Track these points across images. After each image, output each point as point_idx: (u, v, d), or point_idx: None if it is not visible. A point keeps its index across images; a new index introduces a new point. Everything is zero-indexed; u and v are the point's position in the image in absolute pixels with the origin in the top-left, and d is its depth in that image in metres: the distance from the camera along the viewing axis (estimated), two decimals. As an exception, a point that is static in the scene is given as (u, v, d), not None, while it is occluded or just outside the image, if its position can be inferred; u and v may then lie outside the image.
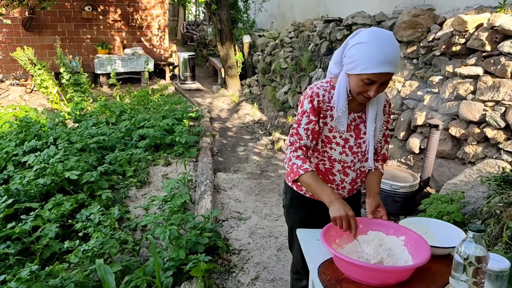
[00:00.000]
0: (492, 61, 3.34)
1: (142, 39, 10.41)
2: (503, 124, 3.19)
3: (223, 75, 9.29)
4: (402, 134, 4.17)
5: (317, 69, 6.13)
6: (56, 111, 6.75)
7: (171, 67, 10.31)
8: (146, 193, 4.22)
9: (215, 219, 3.60)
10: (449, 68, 3.72)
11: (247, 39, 9.35)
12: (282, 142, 5.76)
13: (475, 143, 3.42)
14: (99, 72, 9.20)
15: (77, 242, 2.74)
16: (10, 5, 7.64)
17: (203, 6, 11.89)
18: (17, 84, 8.82)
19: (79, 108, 6.18)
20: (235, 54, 9.06)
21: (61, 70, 7.36)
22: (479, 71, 3.45)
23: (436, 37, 4.08)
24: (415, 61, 4.33)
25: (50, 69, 7.80)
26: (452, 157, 3.64)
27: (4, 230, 2.90)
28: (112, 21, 9.98)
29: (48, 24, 9.34)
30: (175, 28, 16.05)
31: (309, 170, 1.60)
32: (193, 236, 2.93)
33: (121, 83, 7.99)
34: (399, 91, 4.34)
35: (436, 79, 3.87)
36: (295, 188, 1.88)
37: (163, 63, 10.29)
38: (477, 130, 3.38)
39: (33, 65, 7.26)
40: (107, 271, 2.34)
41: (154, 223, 3.11)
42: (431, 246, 1.43)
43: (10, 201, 3.28)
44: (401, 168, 3.91)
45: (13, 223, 2.92)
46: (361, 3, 6.11)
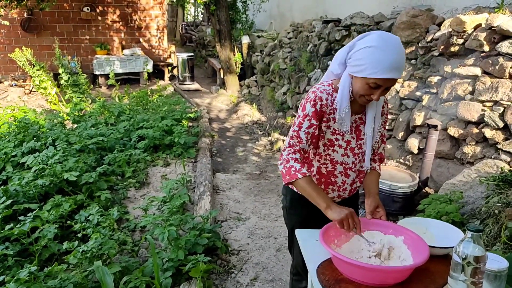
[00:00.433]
0: (491, 62, 3.34)
1: (141, 39, 10.41)
2: (501, 124, 3.20)
3: (222, 76, 9.29)
4: (401, 135, 4.18)
5: (316, 70, 6.14)
6: (54, 112, 6.74)
7: (170, 67, 10.31)
8: (145, 193, 4.22)
9: (214, 219, 3.60)
10: (448, 69, 3.73)
11: (246, 39, 9.35)
12: (281, 142, 5.76)
13: (473, 143, 3.42)
14: (98, 72, 9.20)
15: (76, 243, 2.73)
16: (8, 6, 7.64)
17: (202, 6, 11.89)
18: (16, 85, 8.81)
19: (78, 109, 6.17)
20: (234, 55, 9.06)
21: (60, 71, 7.35)
22: (477, 71, 3.46)
23: (434, 37, 4.09)
24: (413, 61, 4.34)
25: (49, 70, 7.80)
26: (450, 157, 3.65)
27: (2, 231, 2.89)
28: (111, 21, 9.98)
29: (46, 25, 9.34)
30: (174, 29, 16.04)
31: (306, 175, 1.60)
32: (192, 236, 2.93)
33: (120, 83, 7.98)
34: (397, 92, 4.34)
35: (435, 79, 3.88)
36: (295, 189, 1.87)
37: (162, 63, 10.29)
38: (475, 130, 3.38)
39: (32, 66, 7.25)
40: (106, 272, 2.33)
41: (153, 224, 3.10)
42: (429, 246, 1.43)
43: (9, 202, 3.28)
44: (400, 168, 3.91)
45: (12, 224, 2.92)
46: (359, 3, 6.12)
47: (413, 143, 3.96)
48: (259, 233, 3.55)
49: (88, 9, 9.55)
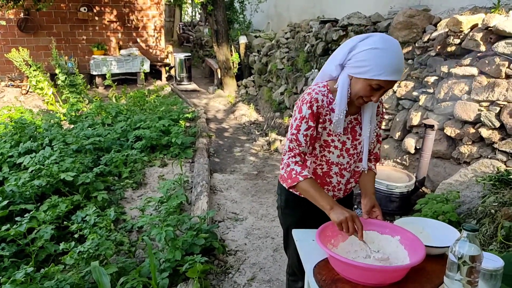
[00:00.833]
0: (487, 61, 3.35)
1: (138, 40, 10.39)
2: (498, 124, 3.21)
3: (219, 76, 9.29)
4: (397, 134, 4.19)
5: (313, 70, 6.14)
6: (51, 112, 6.73)
7: (167, 68, 10.29)
8: (142, 194, 4.21)
9: (211, 220, 3.60)
10: (444, 69, 3.74)
11: (243, 39, 9.35)
12: (278, 142, 5.76)
13: (470, 143, 3.43)
14: (94, 73, 9.17)
15: (73, 243, 2.73)
16: (5, 6, 7.62)
17: (199, 7, 11.88)
18: (12, 86, 8.78)
19: (75, 109, 6.16)
20: (231, 55, 9.06)
21: (57, 71, 7.33)
22: (474, 71, 3.47)
23: (431, 37, 4.10)
24: (410, 61, 4.34)
25: (46, 70, 7.77)
26: (447, 157, 3.66)
27: (-1, 232, 2.89)
28: (108, 22, 9.96)
29: (43, 25, 9.31)
30: (171, 29, 16.01)
31: (308, 177, 1.60)
32: (189, 237, 2.93)
33: (117, 84, 7.97)
34: (394, 92, 4.35)
35: (431, 79, 3.89)
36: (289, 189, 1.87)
37: (159, 64, 10.27)
38: (472, 130, 3.39)
39: (29, 66, 7.23)
40: (103, 272, 2.33)
41: (150, 224, 3.10)
42: (426, 246, 1.43)
43: (5, 202, 3.27)
44: (396, 168, 3.92)
45: (8, 225, 2.91)
46: (356, 4, 6.13)
47: (410, 143, 3.97)
48: (256, 233, 3.55)
49: (85, 9, 9.53)
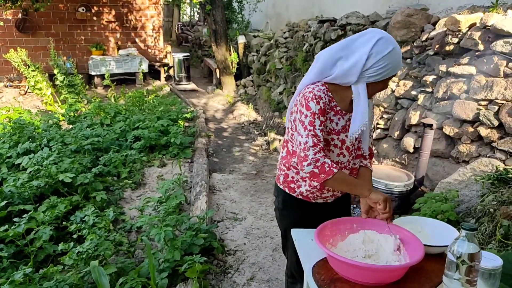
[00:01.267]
0: (485, 60, 3.35)
1: (137, 40, 10.38)
2: (496, 123, 3.21)
3: (218, 76, 9.29)
4: (396, 134, 4.19)
5: (311, 69, 6.14)
6: (50, 112, 6.72)
7: (166, 68, 10.29)
8: (141, 194, 4.20)
9: (211, 220, 3.60)
10: (443, 68, 3.74)
11: (242, 39, 9.35)
12: (277, 142, 5.75)
13: (468, 142, 3.44)
14: (93, 73, 9.16)
15: (72, 244, 2.72)
16: (3, 6, 7.60)
17: (197, 6, 11.88)
18: (11, 86, 8.77)
19: (73, 109, 6.15)
20: (230, 55, 9.05)
21: (55, 71, 7.32)
22: (472, 70, 3.47)
23: (429, 36, 4.10)
24: (408, 60, 4.34)
25: (44, 71, 7.75)
26: (446, 156, 3.66)
27: (-3, 232, 2.88)
28: (106, 22, 9.94)
29: (41, 25, 9.30)
30: (169, 29, 16.01)
31: (339, 168, 1.62)
32: (188, 237, 2.93)
33: (115, 84, 7.95)
34: (393, 91, 4.35)
35: (430, 78, 3.89)
36: (287, 191, 1.85)
37: (158, 64, 10.26)
38: (470, 129, 3.39)
39: (27, 66, 7.21)
40: (102, 273, 2.33)
41: (149, 225, 3.10)
42: (424, 245, 1.43)
43: (4, 203, 3.27)
44: (395, 167, 3.92)
45: (7, 226, 2.90)
46: (355, 3, 6.13)
47: (408, 142, 3.97)
48: (255, 233, 3.55)
49: (83, 9, 9.51)
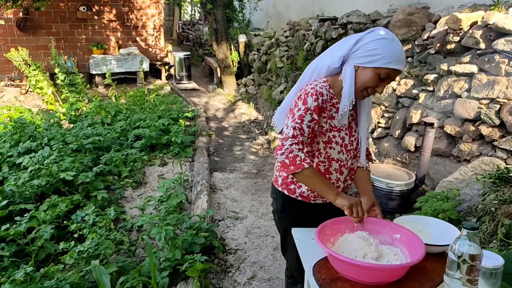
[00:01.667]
0: (487, 59, 3.35)
1: (138, 39, 10.37)
2: (497, 122, 3.21)
3: (219, 75, 9.28)
4: (397, 133, 4.18)
5: (312, 68, 6.13)
6: (51, 111, 6.72)
7: (166, 67, 10.28)
8: (142, 193, 4.21)
9: (211, 218, 3.60)
10: (444, 66, 3.73)
11: (242, 38, 9.34)
12: (278, 141, 5.75)
13: (470, 140, 3.43)
14: (94, 72, 9.16)
15: (73, 243, 2.72)
16: (4, 5, 7.60)
17: (198, 5, 11.87)
18: (12, 85, 8.77)
19: (74, 108, 6.15)
20: (231, 54, 9.04)
21: (56, 70, 7.32)
22: (473, 69, 3.46)
23: (430, 35, 4.09)
24: (410, 59, 4.33)
25: (45, 70, 7.76)
26: (447, 155, 3.65)
27: (-2, 231, 2.88)
28: (107, 21, 9.94)
29: (42, 24, 9.29)
30: (170, 28, 15.98)
31: (311, 165, 1.57)
32: (189, 236, 2.92)
33: (116, 83, 7.96)
34: (394, 90, 4.34)
35: (431, 77, 3.88)
36: (286, 192, 1.84)
37: (158, 63, 10.26)
38: (472, 128, 3.39)
39: (28, 66, 7.22)
40: (102, 272, 2.33)
41: (150, 224, 3.10)
42: (425, 244, 1.43)
43: (5, 202, 3.27)
44: (396, 166, 3.91)
45: (8, 225, 2.91)
46: (356, 2, 6.11)
47: (409, 141, 3.96)
48: (256, 232, 3.54)
49: (84, 8, 9.51)
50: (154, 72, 10.09)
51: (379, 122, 4.48)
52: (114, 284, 2.50)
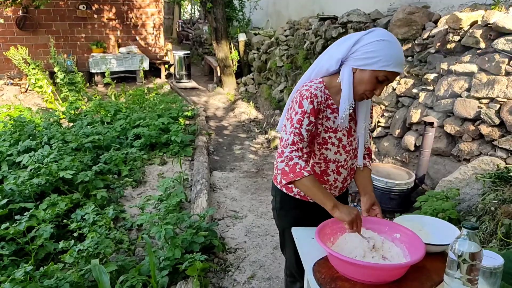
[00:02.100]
0: (487, 58, 3.35)
1: (137, 37, 10.36)
2: (497, 121, 3.21)
3: (218, 74, 9.27)
4: (397, 132, 4.18)
5: (312, 67, 6.13)
6: (50, 110, 6.72)
7: (166, 65, 10.27)
8: (142, 192, 4.21)
9: (211, 218, 3.60)
10: (444, 66, 3.73)
11: (242, 37, 9.33)
12: (278, 140, 5.75)
13: (470, 140, 3.43)
14: (93, 71, 9.15)
15: (72, 242, 2.72)
16: (3, 3, 7.59)
17: (198, 4, 11.85)
18: (11, 84, 8.75)
19: (74, 107, 6.15)
20: (231, 53, 9.04)
21: (56, 69, 7.31)
22: (473, 68, 3.46)
23: (431, 34, 4.08)
24: (410, 58, 4.33)
25: (45, 69, 7.74)
26: (447, 154, 3.66)
27: (-2, 230, 2.88)
28: (106, 19, 9.92)
29: (42, 23, 9.28)
30: (170, 27, 15.98)
31: (311, 173, 1.56)
32: (189, 235, 2.92)
33: (116, 82, 7.95)
34: (394, 89, 4.34)
35: (431, 76, 3.88)
36: (284, 190, 1.84)
37: (158, 61, 10.25)
38: (472, 127, 3.39)
39: (27, 64, 7.21)
40: (102, 271, 2.33)
41: (149, 223, 3.09)
42: (425, 244, 1.43)
43: (5, 201, 3.26)
44: (396, 165, 3.91)
45: (8, 224, 2.90)
46: (356, 1, 6.10)
47: (409, 140, 3.96)
48: (256, 231, 3.55)
49: (83, 7, 9.50)
50: (153, 71, 10.08)
51: (379, 122, 4.48)
52: (114, 283, 2.50)
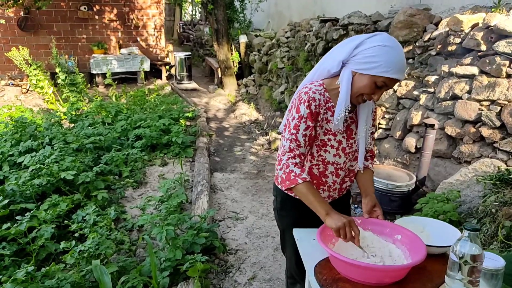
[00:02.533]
0: (488, 61, 3.35)
1: (138, 39, 10.38)
2: (498, 124, 3.21)
3: (219, 75, 9.28)
4: (398, 134, 4.19)
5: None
6: (51, 111, 6.72)
7: (167, 67, 10.29)
8: (143, 193, 4.21)
9: (212, 219, 3.60)
10: (445, 68, 3.74)
11: (243, 39, 9.34)
12: (278, 142, 5.74)
13: (470, 142, 3.43)
14: (95, 72, 9.16)
15: (73, 242, 2.72)
16: (5, 4, 7.61)
17: (199, 6, 11.87)
18: (13, 84, 8.77)
19: (75, 108, 6.16)
20: (232, 54, 9.05)
21: (57, 70, 7.33)
22: (474, 70, 3.46)
23: (432, 36, 4.09)
24: (411, 60, 4.34)
25: (46, 69, 7.77)
26: (448, 156, 3.66)
27: (-1, 231, 2.89)
28: (108, 21, 9.95)
29: (43, 24, 9.30)
30: (171, 28, 16.00)
31: (306, 180, 1.56)
32: (190, 236, 2.93)
33: (117, 83, 7.96)
34: (395, 91, 4.35)
35: (432, 78, 3.88)
36: (285, 191, 1.84)
37: (159, 63, 10.26)
38: (472, 130, 3.39)
39: (29, 65, 7.22)
40: (104, 271, 2.33)
41: (150, 223, 3.10)
42: (427, 245, 1.43)
43: (6, 201, 3.26)
44: (397, 167, 3.91)
45: (9, 224, 2.91)
46: (357, 3, 6.12)
47: (410, 142, 3.97)
48: (256, 233, 3.55)
49: (85, 8, 9.52)
50: (154, 72, 10.09)
51: (379, 123, 4.49)
52: (115, 283, 2.51)
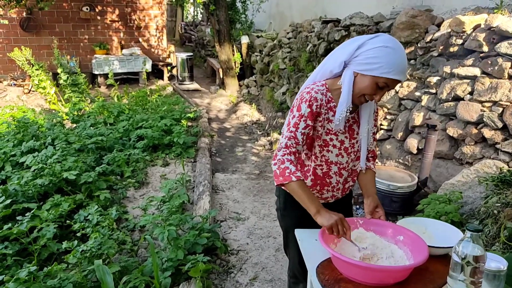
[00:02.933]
0: (490, 62, 3.35)
1: (140, 39, 10.40)
2: (500, 125, 3.21)
3: (221, 76, 9.29)
4: (400, 135, 4.18)
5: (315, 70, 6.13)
6: (54, 111, 6.74)
7: (169, 67, 10.30)
8: (144, 193, 4.22)
9: (214, 219, 3.60)
10: (447, 69, 3.73)
11: (245, 39, 9.35)
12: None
13: (472, 143, 3.43)
14: (97, 72, 9.19)
15: (75, 242, 2.73)
16: (7, 5, 7.63)
17: (201, 6, 11.89)
18: (15, 85, 8.80)
19: (77, 108, 6.17)
20: (233, 55, 9.06)
21: (59, 70, 7.34)
22: (476, 71, 3.46)
23: (433, 38, 4.09)
24: (412, 61, 4.34)
25: (48, 70, 7.79)
26: (449, 157, 3.66)
27: (1, 230, 2.89)
28: (110, 21, 9.97)
29: (45, 24, 9.33)
30: (173, 29, 16.04)
31: (300, 178, 1.57)
32: (192, 236, 2.93)
33: (119, 83, 7.98)
34: (396, 92, 4.35)
35: (434, 79, 3.88)
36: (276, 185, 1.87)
37: (161, 63, 10.28)
38: (474, 131, 3.39)
39: (31, 65, 7.24)
40: (106, 271, 2.34)
41: (152, 224, 3.11)
42: (429, 246, 1.44)
43: (8, 201, 3.27)
44: (399, 168, 3.91)
45: (11, 224, 2.91)
46: (359, 4, 6.12)
47: (412, 143, 3.97)
48: (258, 233, 3.55)
49: (87, 8, 9.54)
50: (156, 73, 10.11)
51: (381, 124, 4.49)
52: (117, 283, 2.51)
